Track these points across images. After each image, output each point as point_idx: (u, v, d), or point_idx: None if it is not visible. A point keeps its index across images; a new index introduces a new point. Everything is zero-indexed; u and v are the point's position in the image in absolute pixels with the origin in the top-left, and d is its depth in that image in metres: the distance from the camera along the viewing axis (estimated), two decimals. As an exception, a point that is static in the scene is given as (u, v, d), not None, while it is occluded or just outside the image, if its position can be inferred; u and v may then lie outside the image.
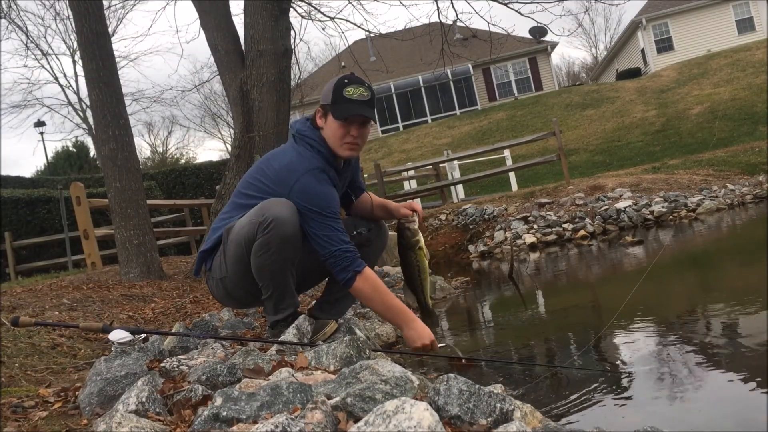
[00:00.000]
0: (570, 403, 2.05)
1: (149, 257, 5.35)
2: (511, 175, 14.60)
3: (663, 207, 8.49)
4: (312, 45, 66.05)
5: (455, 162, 14.19)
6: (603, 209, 8.69)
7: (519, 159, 15.98)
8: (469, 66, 27.40)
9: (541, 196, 9.94)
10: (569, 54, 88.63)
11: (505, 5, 8.36)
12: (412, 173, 14.65)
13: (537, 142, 13.31)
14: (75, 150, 25.34)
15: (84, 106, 26.35)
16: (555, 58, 55.70)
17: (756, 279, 3.74)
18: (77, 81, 26.69)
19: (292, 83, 6.99)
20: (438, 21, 9.28)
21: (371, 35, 11.49)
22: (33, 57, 32.31)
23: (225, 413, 1.40)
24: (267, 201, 2.35)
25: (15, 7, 23.62)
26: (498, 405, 1.47)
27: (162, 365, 1.97)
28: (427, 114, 28.70)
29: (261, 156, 5.33)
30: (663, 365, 2.37)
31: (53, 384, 2.06)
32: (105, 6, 7.88)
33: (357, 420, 1.37)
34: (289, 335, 2.31)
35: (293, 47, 6.46)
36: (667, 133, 18.07)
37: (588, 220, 8.54)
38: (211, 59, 6.70)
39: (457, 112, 28.00)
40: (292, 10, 6.83)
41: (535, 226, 8.74)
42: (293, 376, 1.73)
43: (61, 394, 1.86)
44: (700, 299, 3.60)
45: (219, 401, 1.44)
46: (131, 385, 1.62)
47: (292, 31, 6.24)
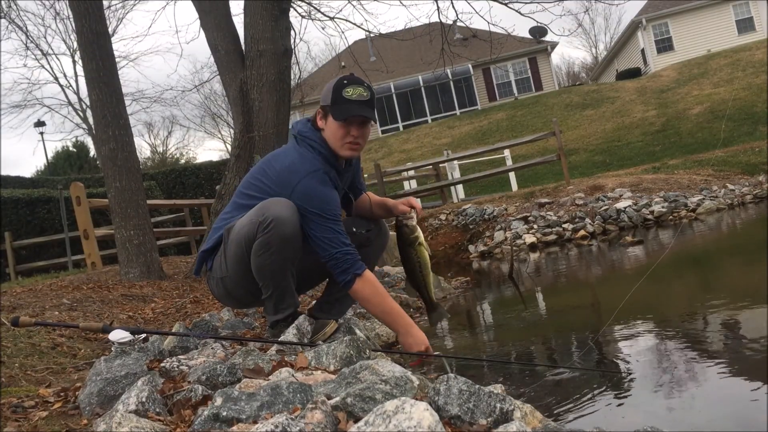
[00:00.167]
0: (570, 403, 2.05)
1: (149, 257, 5.35)
2: (511, 175, 14.60)
3: (663, 207, 8.49)
4: (312, 45, 66.10)
5: (455, 162, 14.19)
6: (603, 209, 8.69)
7: (519, 159, 15.98)
8: (469, 66, 27.39)
9: (541, 196, 9.94)
10: (569, 54, 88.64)
11: (505, 5, 8.36)
12: (412, 173, 14.65)
13: (537, 142, 13.31)
14: (75, 150, 25.35)
15: (84, 106, 26.35)
16: (555, 58, 55.74)
17: (756, 279, 3.74)
18: (77, 81, 26.71)
19: (292, 83, 6.99)
20: (438, 21, 9.28)
21: (371, 35, 11.49)
22: (33, 57, 32.33)
23: (225, 413, 1.40)
24: (267, 201, 2.35)
25: (15, 7, 23.63)
26: (498, 405, 1.47)
27: (162, 365, 1.97)
28: (427, 114, 28.70)
29: (261, 156, 5.35)
30: (663, 365, 2.37)
31: (53, 384, 2.06)
32: (105, 6, 7.88)
33: (357, 420, 1.37)
34: (289, 335, 2.31)
35: (293, 47, 6.46)
36: (667, 133, 18.07)
37: (588, 220, 8.53)
38: (211, 59, 6.70)
39: (457, 112, 28.00)
40: (292, 10, 6.83)
41: (535, 226, 8.73)
42: (293, 376, 1.73)
43: (61, 394, 1.86)
44: (700, 299, 3.60)
45: (219, 401, 1.44)
46: (131, 385, 1.62)
47: (292, 31, 6.25)
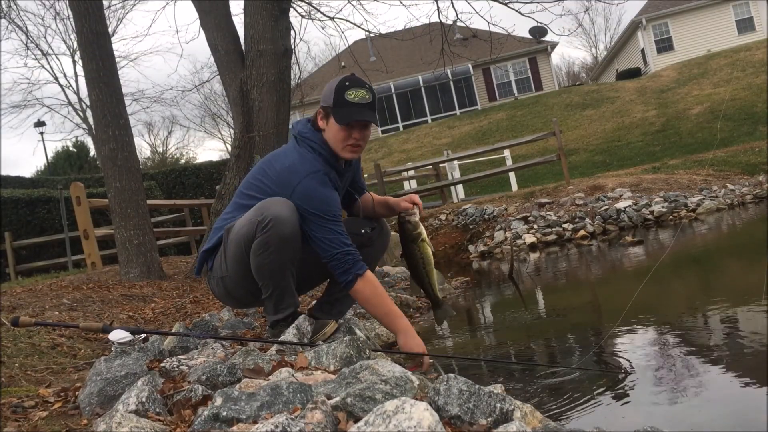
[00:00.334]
0: (570, 403, 2.05)
1: (149, 257, 5.35)
2: (511, 175, 14.60)
3: (663, 207, 8.49)
4: (312, 45, 66.07)
5: (455, 162, 14.19)
6: (603, 209, 8.69)
7: (519, 159, 15.98)
8: (469, 66, 27.40)
9: (541, 196, 9.93)
10: (569, 54, 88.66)
11: (505, 5, 8.36)
12: (412, 173, 14.66)
13: (537, 142, 13.31)
14: (75, 150, 25.36)
15: (84, 106, 26.36)
16: (555, 58, 55.74)
17: (756, 279, 3.73)
18: (77, 81, 26.72)
19: (292, 83, 6.99)
20: (438, 21, 9.28)
21: (371, 35, 11.49)
22: (33, 57, 32.41)
23: (225, 413, 1.40)
24: (266, 200, 2.35)
25: (15, 7, 23.63)
26: (498, 405, 1.47)
27: (162, 365, 1.97)
28: (427, 114, 28.70)
29: (261, 156, 5.35)
30: (663, 365, 2.37)
31: (53, 384, 2.06)
32: (105, 6, 7.88)
33: (357, 420, 1.37)
34: (289, 335, 2.31)
35: (293, 47, 6.46)
36: (667, 133, 18.07)
37: (588, 220, 8.53)
38: (211, 59, 6.71)
39: (457, 112, 28.00)
40: (292, 10, 6.83)
41: (535, 226, 8.73)
42: (293, 376, 1.73)
43: (61, 394, 1.86)
44: (700, 299, 3.60)
45: (219, 401, 1.44)
46: (131, 385, 1.62)
47: (292, 31, 6.25)
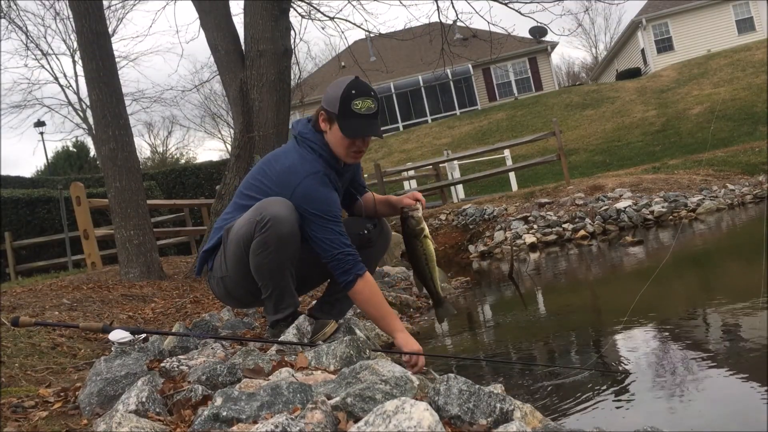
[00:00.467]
0: (570, 403, 2.05)
1: (149, 257, 5.35)
2: (511, 175, 14.60)
3: (663, 207, 8.49)
4: (312, 45, 66.05)
5: (455, 162, 14.19)
6: (603, 209, 8.69)
7: (519, 159, 15.98)
8: (469, 66, 27.39)
9: (541, 196, 9.93)
10: (569, 54, 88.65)
11: (505, 5, 8.36)
12: (412, 173, 14.66)
13: (537, 142, 13.31)
14: (75, 150, 25.36)
15: (84, 106, 26.36)
16: (555, 58, 55.72)
17: (756, 279, 3.73)
18: (77, 81, 26.71)
19: (292, 83, 6.99)
20: (438, 21, 9.28)
21: (371, 35, 11.49)
22: (33, 57, 32.33)
23: (225, 413, 1.40)
24: (265, 200, 2.36)
25: (15, 7, 23.63)
26: (498, 405, 1.47)
27: (162, 365, 1.97)
28: (427, 114, 28.70)
29: (261, 156, 5.35)
30: (663, 365, 2.37)
31: (53, 384, 2.06)
32: (105, 6, 7.88)
33: (357, 420, 1.37)
34: (289, 335, 2.31)
35: (293, 47, 6.46)
36: (667, 133, 18.07)
37: (588, 220, 8.53)
38: (211, 59, 6.71)
39: (457, 112, 28.00)
40: (292, 10, 6.83)
41: (535, 226, 8.73)
42: (293, 376, 1.73)
43: (61, 394, 1.86)
44: (700, 299, 3.60)
45: (219, 401, 1.44)
46: (131, 385, 1.62)
47: (292, 31, 6.25)
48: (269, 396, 1.46)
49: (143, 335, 2.29)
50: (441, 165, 14.01)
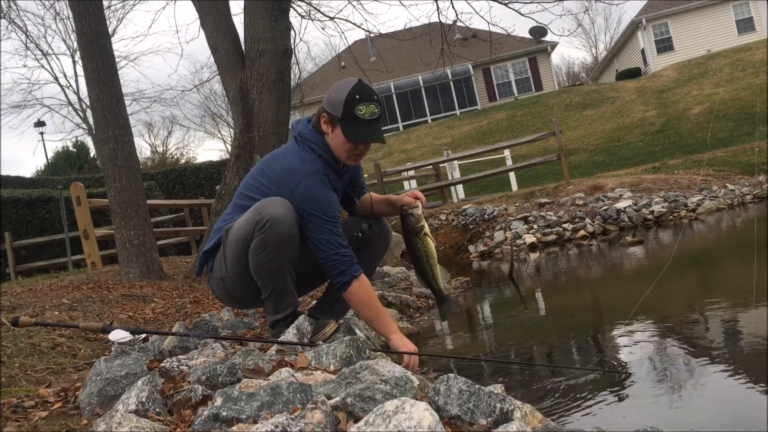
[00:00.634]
0: (570, 403, 2.05)
1: (149, 257, 5.35)
2: (511, 175, 14.60)
3: (663, 207, 8.48)
4: (312, 45, 66.11)
5: (455, 162, 14.19)
6: (603, 209, 8.69)
7: (519, 159, 15.98)
8: (469, 66, 27.40)
9: (541, 196, 9.93)
10: (569, 54, 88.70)
11: (505, 5, 8.36)
12: (412, 173, 14.65)
13: (537, 142, 13.31)
14: (75, 150, 25.36)
15: (84, 106, 26.38)
16: (555, 58, 55.73)
17: (756, 278, 3.73)
18: (77, 81, 26.75)
19: (292, 83, 6.99)
20: (438, 21, 9.28)
21: (371, 35, 11.49)
22: (33, 57, 32.43)
23: (225, 413, 1.40)
24: (264, 200, 2.36)
25: (15, 7, 23.62)
26: (498, 405, 1.47)
27: (162, 365, 1.97)
28: (427, 114, 28.70)
29: (261, 156, 5.35)
30: (663, 365, 2.37)
31: (53, 384, 2.06)
32: (105, 6, 7.88)
33: (357, 420, 1.37)
34: (289, 335, 2.31)
35: (293, 47, 6.46)
36: (667, 133, 18.07)
37: (588, 220, 8.53)
38: (211, 59, 6.71)
39: (457, 112, 28.00)
40: (292, 10, 6.83)
41: (535, 226, 8.73)
42: (293, 376, 1.73)
43: (61, 394, 1.86)
44: (700, 299, 3.60)
45: (219, 401, 1.44)
46: (131, 385, 1.62)
47: (292, 31, 6.24)
48: (269, 396, 1.46)
49: (143, 335, 2.29)
50: (441, 165, 14.01)
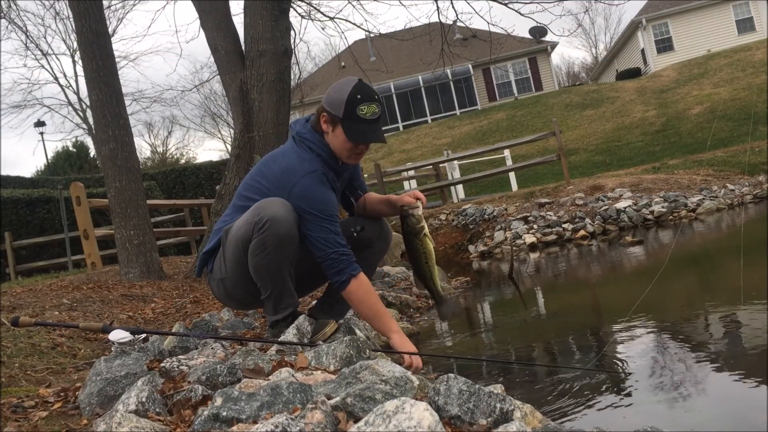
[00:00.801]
0: (570, 403, 2.05)
1: (149, 257, 5.35)
2: (511, 175, 14.60)
3: (663, 207, 8.48)
4: (312, 45, 66.02)
5: (455, 162, 14.19)
6: (603, 209, 8.69)
7: (519, 159, 15.98)
8: (469, 66, 27.40)
9: (541, 196, 9.93)
10: (569, 54, 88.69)
11: (505, 5, 8.36)
12: (412, 173, 14.65)
13: (537, 142, 13.31)
14: (75, 150, 25.36)
15: (84, 106, 26.38)
16: (555, 58, 55.71)
17: (756, 279, 3.73)
18: (77, 81, 26.74)
19: (292, 83, 6.99)
20: (438, 21, 9.28)
21: (371, 35, 11.49)
22: (33, 57, 32.42)
23: (225, 413, 1.40)
24: (263, 201, 2.36)
25: (15, 7, 23.62)
26: (498, 405, 1.47)
27: (162, 365, 1.97)
28: (427, 114, 28.70)
29: (261, 156, 5.35)
30: (663, 365, 2.37)
31: (53, 384, 2.06)
32: (105, 6, 7.88)
33: (357, 420, 1.37)
34: (289, 335, 2.31)
35: (293, 47, 6.46)
36: (667, 133, 18.07)
37: (588, 220, 8.53)
38: (211, 59, 6.71)
39: (457, 112, 28.00)
40: (292, 10, 6.83)
41: (535, 226, 8.73)
42: (293, 376, 1.73)
43: (61, 394, 1.86)
44: (700, 299, 3.60)
45: (219, 401, 1.43)
46: (131, 385, 1.62)
47: (292, 31, 6.24)
48: (269, 396, 1.46)
49: (143, 335, 2.29)
50: (441, 165, 14.01)
